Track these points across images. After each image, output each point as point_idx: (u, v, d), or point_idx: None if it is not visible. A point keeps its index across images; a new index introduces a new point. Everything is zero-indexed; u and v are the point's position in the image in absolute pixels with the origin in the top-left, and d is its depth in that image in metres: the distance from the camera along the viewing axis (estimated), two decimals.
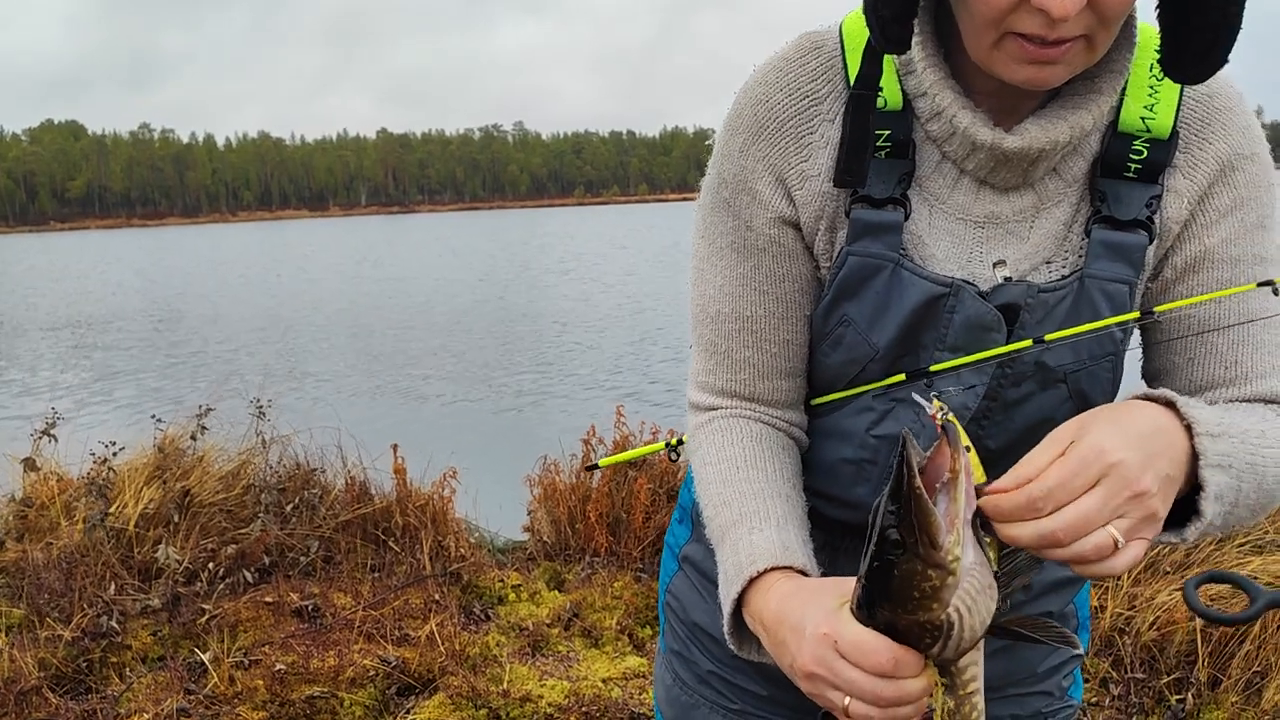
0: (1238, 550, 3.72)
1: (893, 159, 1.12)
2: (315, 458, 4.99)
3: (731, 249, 1.20)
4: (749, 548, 1.10)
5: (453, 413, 10.95)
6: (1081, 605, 1.41)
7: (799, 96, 1.14)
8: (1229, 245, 1.12)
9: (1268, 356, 1.12)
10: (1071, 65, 0.99)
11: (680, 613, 1.43)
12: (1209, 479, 0.93)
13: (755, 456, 1.19)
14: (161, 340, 18.65)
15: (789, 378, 1.23)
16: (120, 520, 4.31)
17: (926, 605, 0.87)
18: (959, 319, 1.11)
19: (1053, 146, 1.07)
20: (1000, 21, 0.96)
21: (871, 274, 1.12)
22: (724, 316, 1.22)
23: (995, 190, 1.12)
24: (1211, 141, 1.10)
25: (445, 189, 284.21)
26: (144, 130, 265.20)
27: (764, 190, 1.16)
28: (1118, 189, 1.10)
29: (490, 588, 4.38)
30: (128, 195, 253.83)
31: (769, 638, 1.04)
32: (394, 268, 38.23)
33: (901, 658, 0.89)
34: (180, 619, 3.86)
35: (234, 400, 5.82)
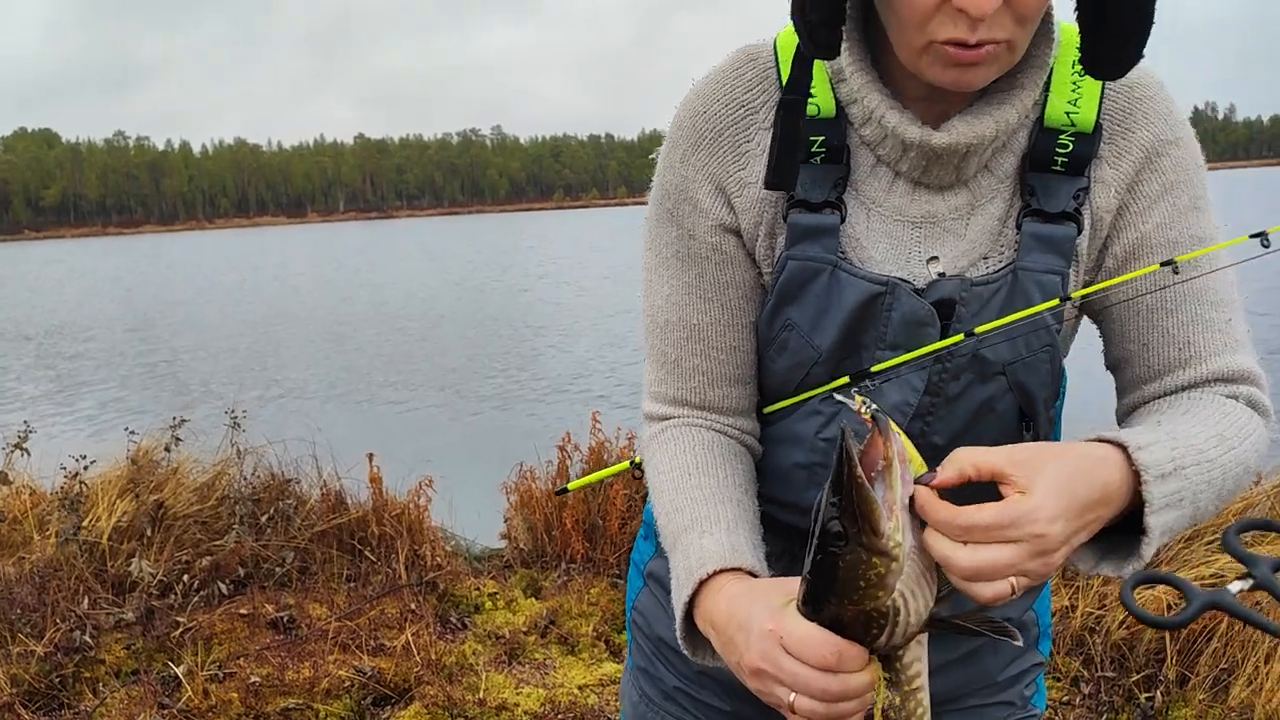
0: (1205, 547, 3.76)
1: (827, 164, 1.14)
2: (291, 468, 4.97)
3: (676, 258, 1.22)
4: (699, 551, 1.11)
5: (429, 420, 10.93)
6: (1043, 613, 1.42)
7: (735, 106, 1.17)
8: (1164, 229, 1.14)
9: (1218, 334, 1.14)
10: (995, 66, 1.02)
11: (646, 629, 1.44)
12: (1152, 524, 0.97)
13: (706, 463, 1.21)
14: (135, 351, 18.52)
15: (739, 384, 1.25)
16: (93, 534, 4.29)
17: (872, 593, 0.89)
18: (896, 317, 1.13)
19: (980, 142, 1.10)
20: (925, 26, 0.99)
21: (811, 277, 1.15)
22: (672, 325, 1.24)
23: (930, 190, 1.15)
24: (1135, 130, 1.13)
25: (424, 194, 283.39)
26: (119, 138, 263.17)
27: (704, 199, 1.19)
28: (1046, 183, 1.13)
29: (466, 596, 4.39)
30: (103, 203, 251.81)
31: (719, 638, 1.06)
32: (371, 274, 38.10)
33: (845, 651, 0.91)
34: (154, 632, 3.85)
35: (209, 410, 5.80)
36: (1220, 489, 1.04)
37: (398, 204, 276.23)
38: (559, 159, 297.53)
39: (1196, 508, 1.02)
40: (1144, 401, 1.19)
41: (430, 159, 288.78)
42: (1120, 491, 0.96)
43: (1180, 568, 3.63)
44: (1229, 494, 1.06)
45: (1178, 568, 3.63)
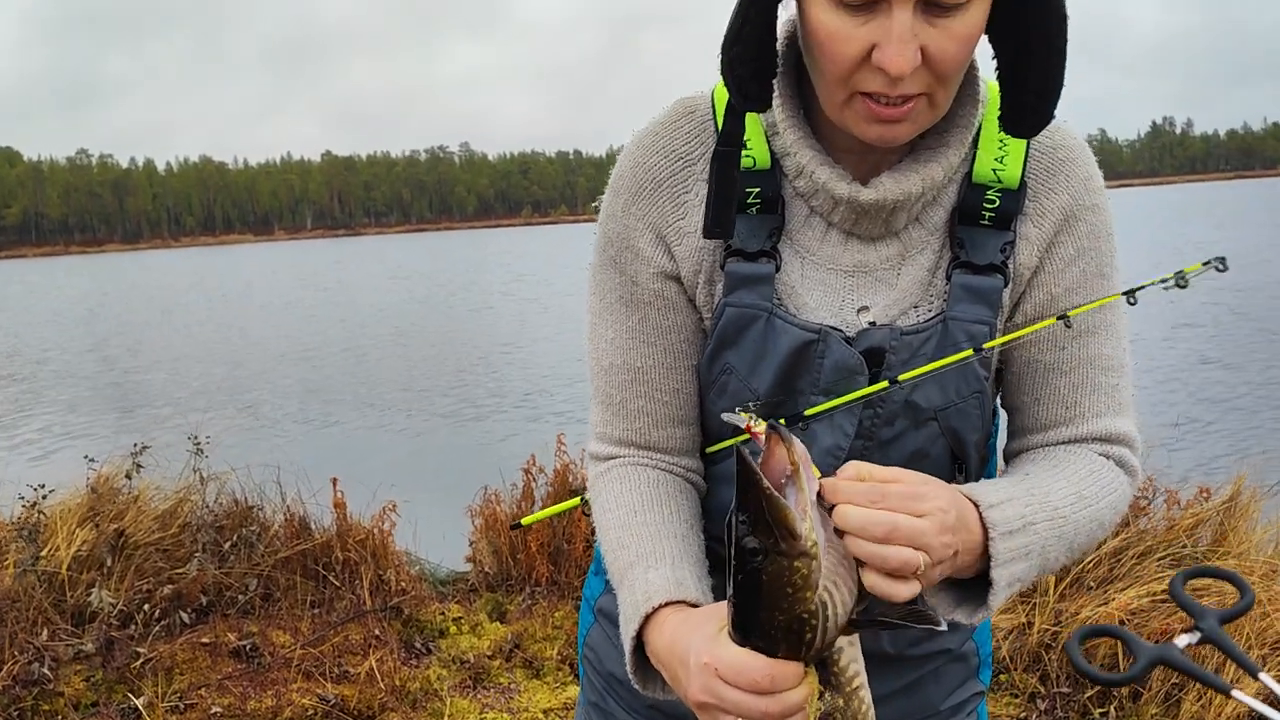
0: (1157, 563, 3.84)
1: (763, 214, 1.19)
2: (254, 494, 4.95)
3: (620, 303, 1.27)
4: (645, 586, 1.14)
5: (394, 443, 10.88)
6: (982, 643, 1.45)
7: (673, 158, 1.22)
8: (1071, 294, 1.20)
9: (1104, 398, 1.21)
10: (916, 123, 1.06)
11: (597, 664, 1.46)
12: (998, 576, 1.04)
13: (651, 500, 1.24)
14: (96, 374, 18.30)
15: (682, 425, 1.29)
16: (52, 564, 4.24)
17: (800, 596, 0.91)
18: (828, 364, 1.17)
19: (906, 198, 1.14)
20: (847, 80, 1.03)
21: (748, 323, 1.19)
22: (616, 368, 1.28)
23: (862, 240, 1.19)
24: (1056, 192, 1.19)
25: (391, 211, 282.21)
26: (82, 156, 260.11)
27: (645, 247, 1.23)
28: (974, 236, 1.18)
29: (431, 621, 4.38)
30: (65, 222, 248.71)
31: (667, 672, 1.09)
32: (337, 293, 37.89)
33: (777, 672, 0.93)
34: (114, 663, 3.82)
35: (172, 436, 5.76)
36: (1072, 543, 1.12)
37: (365, 221, 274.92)
38: (527, 175, 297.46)
39: (1045, 559, 1.09)
40: (1027, 449, 1.25)
41: (398, 176, 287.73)
42: (976, 535, 1.03)
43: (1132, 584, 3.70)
44: (1081, 548, 1.15)
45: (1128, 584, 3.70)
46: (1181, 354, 13.07)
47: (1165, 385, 10.96)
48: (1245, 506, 4.12)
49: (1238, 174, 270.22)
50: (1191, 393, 10.79)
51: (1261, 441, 8.49)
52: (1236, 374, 11.83)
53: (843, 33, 1.00)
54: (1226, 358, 12.84)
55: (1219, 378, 11.64)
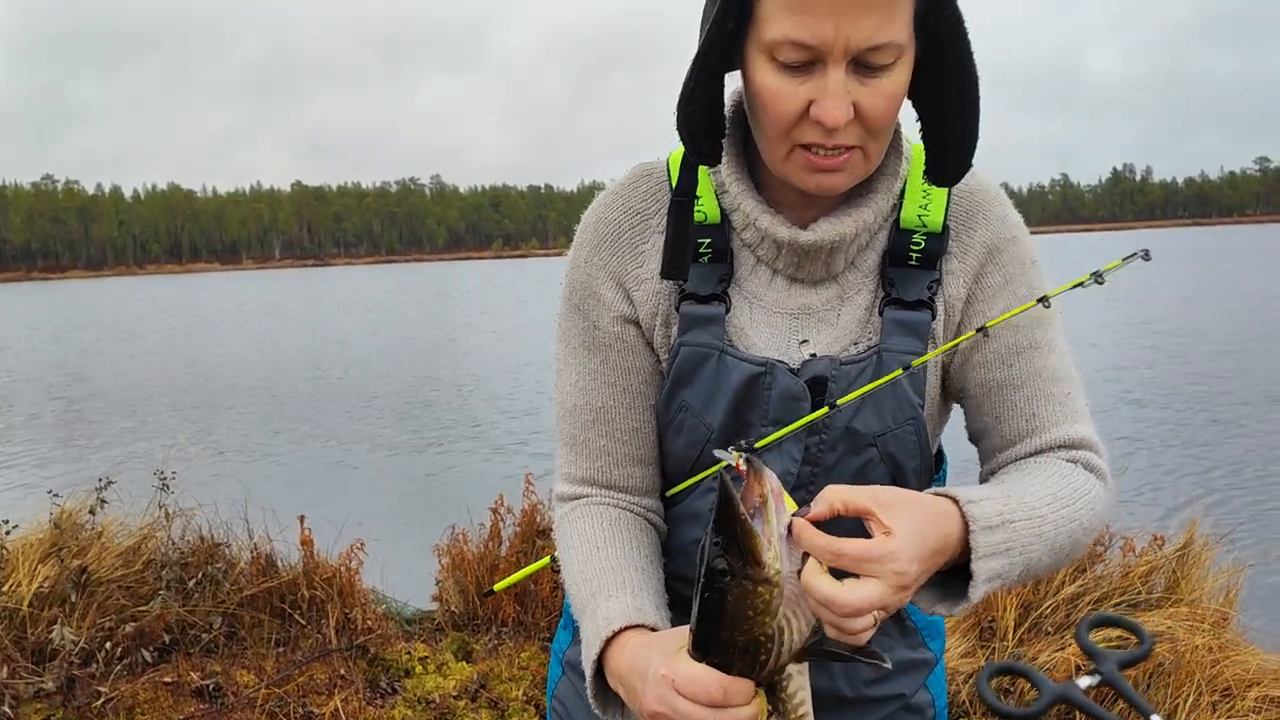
0: (1112, 608, 3.93)
1: (714, 263, 1.31)
2: (221, 531, 4.93)
3: (583, 347, 1.37)
4: (605, 613, 1.22)
5: (362, 479, 10.82)
6: (938, 695, 1.50)
7: (631, 214, 1.35)
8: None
9: (1057, 408, 1.30)
10: (852, 173, 1.19)
11: (565, 716, 1.50)
12: (978, 569, 1.09)
13: (613, 537, 1.32)
14: (59, 406, 18.06)
15: (641, 465, 1.38)
16: (13, 600, 4.20)
17: (760, 620, 0.98)
18: (775, 394, 1.27)
19: (841, 239, 1.27)
20: (788, 134, 1.16)
21: (701, 361, 1.29)
22: (579, 409, 1.38)
23: (804, 285, 1.31)
24: (976, 230, 1.31)
25: (361, 242, 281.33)
26: (47, 181, 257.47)
27: (606, 294, 1.35)
28: (904, 275, 1.30)
29: (397, 660, 4.37)
30: (28, 248, 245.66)
31: (625, 691, 1.16)
32: (305, 324, 37.65)
33: (730, 687, 1.00)
34: (75, 702, 3.78)
35: (137, 471, 5.72)
36: (1053, 542, 1.16)
37: (335, 251, 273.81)
38: (498, 209, 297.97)
39: (1028, 558, 1.13)
40: (999, 468, 1.33)
41: (368, 207, 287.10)
42: (956, 541, 1.08)
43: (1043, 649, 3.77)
44: (1064, 548, 1.19)
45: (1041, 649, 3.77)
46: (1113, 393, 13.35)
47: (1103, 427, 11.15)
48: (1198, 554, 4.23)
49: (1195, 221, 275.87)
50: (1127, 435, 10.98)
51: (1199, 484, 8.67)
52: (1167, 414, 12.11)
53: (784, 91, 1.13)
54: (1159, 399, 13.14)
55: (1152, 416, 11.90)
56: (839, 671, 1.39)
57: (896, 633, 1.44)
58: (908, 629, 1.45)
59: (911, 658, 1.45)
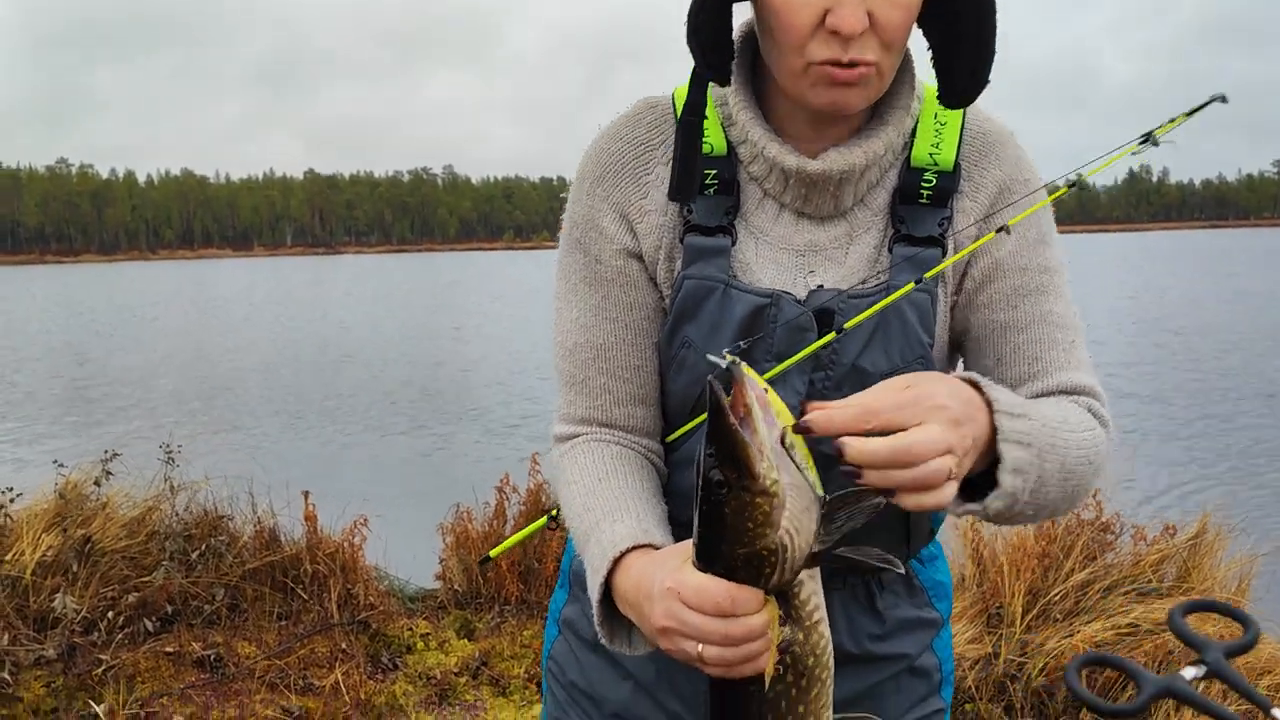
0: (1123, 596, 3.88)
1: (719, 195, 1.28)
2: (225, 504, 4.92)
3: (584, 283, 1.33)
4: (611, 537, 1.18)
5: (367, 458, 10.83)
6: (945, 659, 1.45)
7: (636, 144, 1.31)
8: (1016, 257, 1.28)
9: (1062, 353, 1.26)
10: (866, 90, 1.15)
11: (559, 675, 1.47)
12: (1006, 453, 1.02)
13: (614, 470, 1.28)
14: (67, 383, 18.12)
15: (642, 405, 1.34)
16: (16, 568, 4.20)
17: (761, 533, 0.94)
18: (781, 327, 1.23)
19: (851, 169, 1.23)
20: (803, 49, 1.12)
21: (705, 295, 1.25)
22: (580, 347, 1.33)
23: (812, 221, 1.28)
24: (988, 169, 1.28)
25: (373, 231, 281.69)
26: (61, 165, 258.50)
27: (609, 226, 1.31)
28: (914, 213, 1.26)
29: (399, 636, 4.36)
30: (42, 231, 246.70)
31: (634, 613, 1.12)
32: (315, 310, 37.73)
33: (738, 595, 0.96)
34: (76, 670, 3.77)
35: (143, 444, 5.71)
36: (1064, 461, 1.10)
37: (346, 240, 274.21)
38: (510, 200, 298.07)
39: (1043, 468, 1.07)
40: None
41: (381, 196, 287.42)
42: (981, 408, 1.02)
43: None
44: (1073, 477, 1.12)
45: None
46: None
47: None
48: (1210, 544, 4.18)
49: (1212, 223, 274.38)
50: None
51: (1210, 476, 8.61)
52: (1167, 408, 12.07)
53: (797, 2, 1.10)
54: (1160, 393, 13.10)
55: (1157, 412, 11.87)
56: (842, 627, 1.34)
57: (903, 590, 1.39)
58: (914, 588, 1.41)
59: (917, 616, 1.40)
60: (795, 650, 1.01)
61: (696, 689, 1.33)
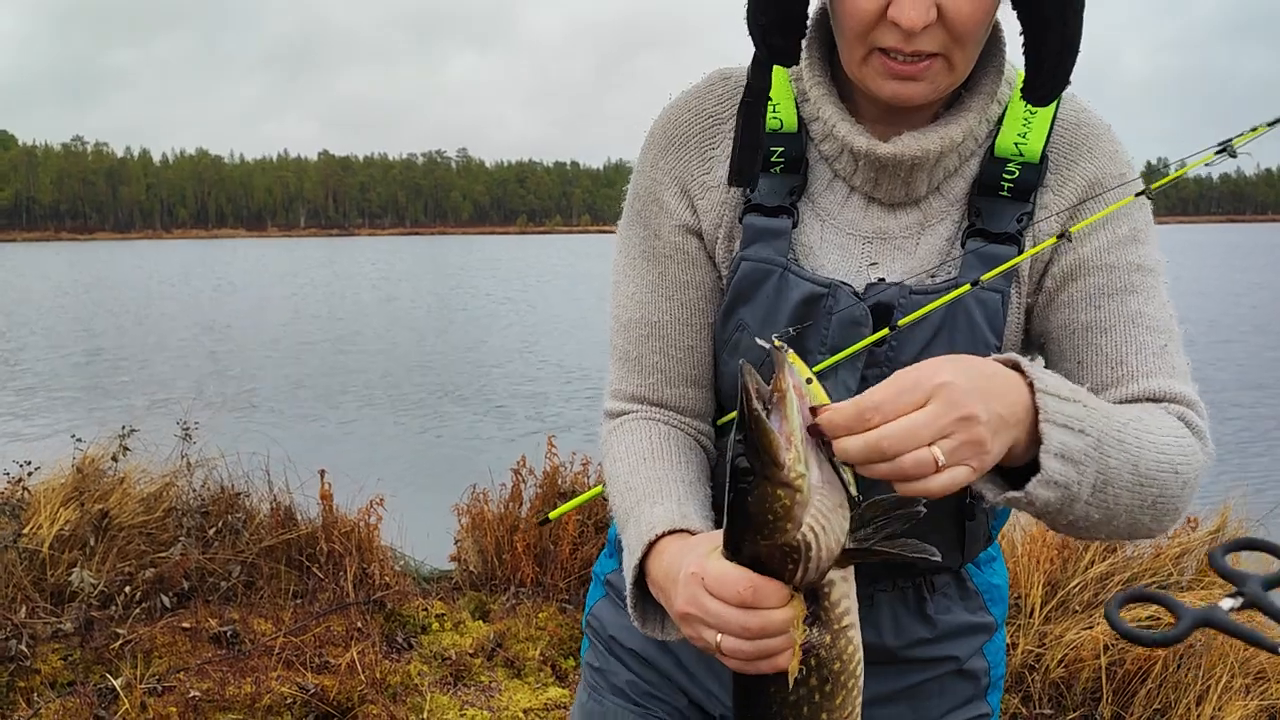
0: (1143, 587, 3.85)
1: (786, 174, 1.23)
2: (241, 482, 4.93)
3: (643, 257, 1.30)
4: (649, 519, 1.15)
5: (383, 439, 10.84)
6: (995, 664, 1.40)
7: (704, 117, 1.27)
8: (1102, 254, 1.19)
9: (1151, 358, 1.17)
10: (934, 84, 1.10)
11: (600, 630, 1.47)
12: (1049, 435, 0.94)
13: (661, 450, 1.26)
14: (82, 359, 18.20)
15: (694, 386, 1.31)
16: (34, 542, 4.21)
17: (781, 526, 0.90)
18: (836, 318, 1.18)
19: (924, 155, 1.17)
20: (866, 36, 1.08)
21: (763, 278, 1.21)
22: (635, 323, 1.31)
23: (883, 207, 1.22)
24: (1079, 163, 1.21)
25: (386, 213, 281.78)
26: (77, 143, 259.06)
27: (670, 200, 1.28)
28: (992, 205, 1.19)
29: (414, 616, 4.36)
30: (57, 208, 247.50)
31: (664, 596, 1.10)
32: (328, 289, 37.79)
33: (761, 586, 0.93)
34: (92, 644, 3.78)
35: (160, 421, 5.72)
36: (1136, 461, 1.02)
37: (359, 222, 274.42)
38: (524, 184, 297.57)
39: (1104, 457, 0.99)
40: None
41: (394, 178, 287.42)
42: (1018, 386, 0.95)
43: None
44: (1149, 478, 1.03)
45: None
46: None
47: None
48: (1231, 538, 4.13)
49: (1230, 218, 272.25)
50: None
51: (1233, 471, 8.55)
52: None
53: None
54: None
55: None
56: (888, 628, 1.31)
57: (956, 594, 1.35)
58: (968, 591, 1.36)
59: (970, 621, 1.36)
60: (820, 654, 0.97)
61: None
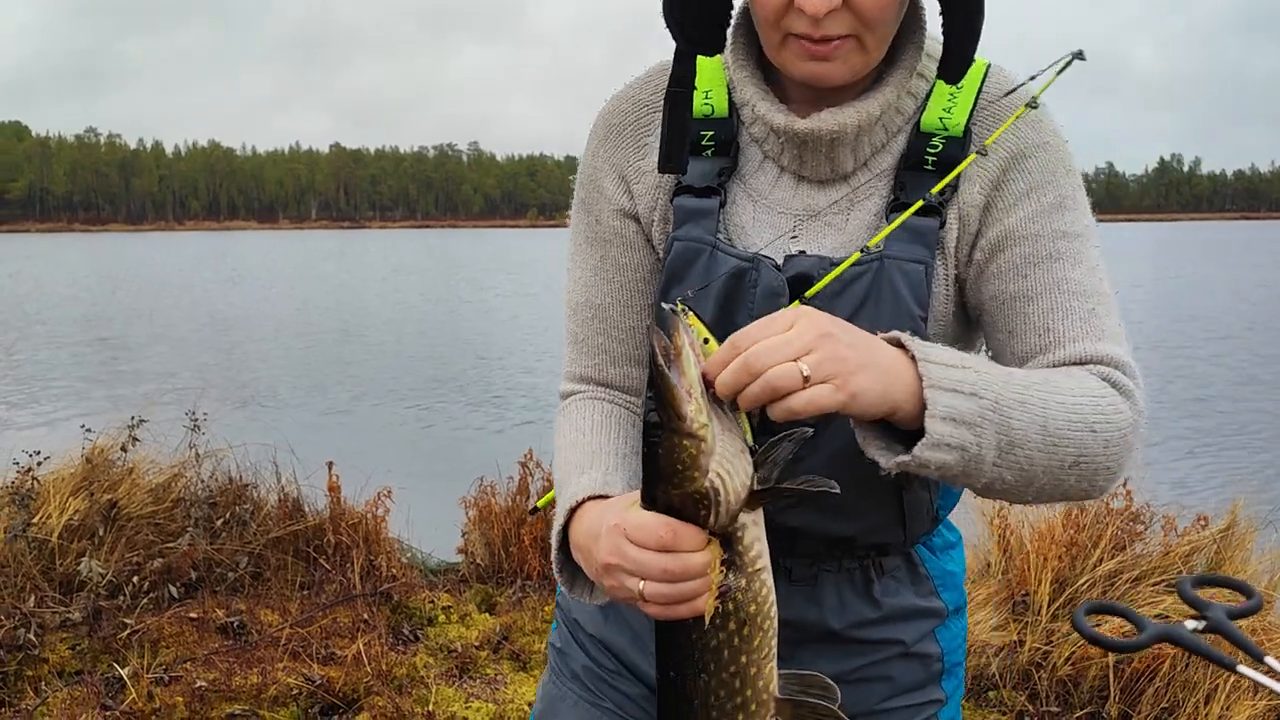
0: (1151, 588, 3.83)
1: (717, 156, 1.28)
2: (249, 473, 4.94)
3: (587, 243, 1.37)
4: (575, 488, 1.21)
5: (391, 432, 10.87)
6: (951, 650, 1.39)
7: (640, 106, 1.33)
8: (1028, 224, 1.21)
9: (1078, 323, 1.18)
10: (847, 63, 1.14)
11: (566, 611, 1.51)
12: (933, 399, 0.99)
13: (599, 425, 1.32)
14: (97, 348, 18.27)
15: (638, 366, 1.37)
16: (43, 531, 4.23)
17: (690, 475, 0.97)
18: (759, 291, 1.21)
19: (841, 129, 1.20)
20: (778, 23, 1.13)
21: (694, 256, 1.25)
22: (581, 306, 1.38)
23: (812, 184, 1.26)
24: (1002, 136, 1.22)
25: (397, 206, 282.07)
26: (90, 134, 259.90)
27: (609, 186, 1.34)
28: (917, 179, 1.22)
29: (420, 608, 4.36)
30: (70, 199, 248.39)
31: (584, 558, 1.14)
32: (338, 282, 37.85)
33: (679, 529, 0.98)
34: (100, 633, 3.80)
35: (169, 412, 5.73)
36: (1045, 422, 1.04)
37: (370, 214, 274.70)
38: (534, 178, 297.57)
39: (1005, 418, 1.02)
40: None
41: (405, 171, 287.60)
42: (901, 360, 1.00)
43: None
44: (1063, 439, 1.06)
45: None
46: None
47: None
48: (1241, 536, 4.11)
49: (1243, 214, 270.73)
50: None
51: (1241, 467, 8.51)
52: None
53: None
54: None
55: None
56: (832, 606, 1.30)
57: (906, 578, 1.35)
58: (919, 575, 1.36)
59: (918, 605, 1.35)
60: (737, 597, 1.02)
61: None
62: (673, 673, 1.08)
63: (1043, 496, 1.10)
